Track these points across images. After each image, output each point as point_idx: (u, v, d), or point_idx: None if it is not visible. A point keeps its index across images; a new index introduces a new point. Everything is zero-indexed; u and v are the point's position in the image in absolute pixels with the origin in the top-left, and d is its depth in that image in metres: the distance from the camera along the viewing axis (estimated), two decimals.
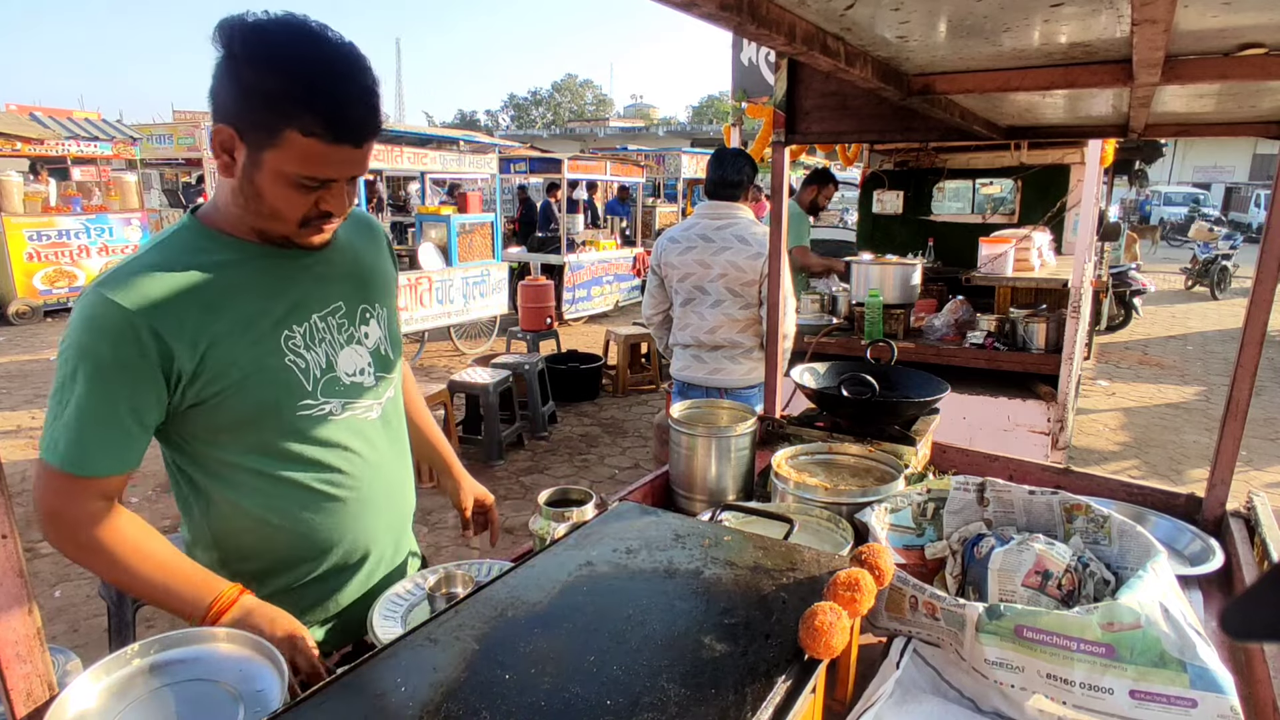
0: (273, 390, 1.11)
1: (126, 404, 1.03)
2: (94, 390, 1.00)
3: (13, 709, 0.85)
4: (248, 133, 1.00)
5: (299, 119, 0.97)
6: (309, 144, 0.99)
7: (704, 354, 2.94)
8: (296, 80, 0.96)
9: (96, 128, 12.29)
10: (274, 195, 1.04)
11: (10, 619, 0.83)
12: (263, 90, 0.97)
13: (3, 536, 0.82)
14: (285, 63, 0.97)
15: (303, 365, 1.13)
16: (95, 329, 1.00)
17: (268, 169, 1.01)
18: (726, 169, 2.90)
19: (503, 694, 0.77)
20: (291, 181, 1.02)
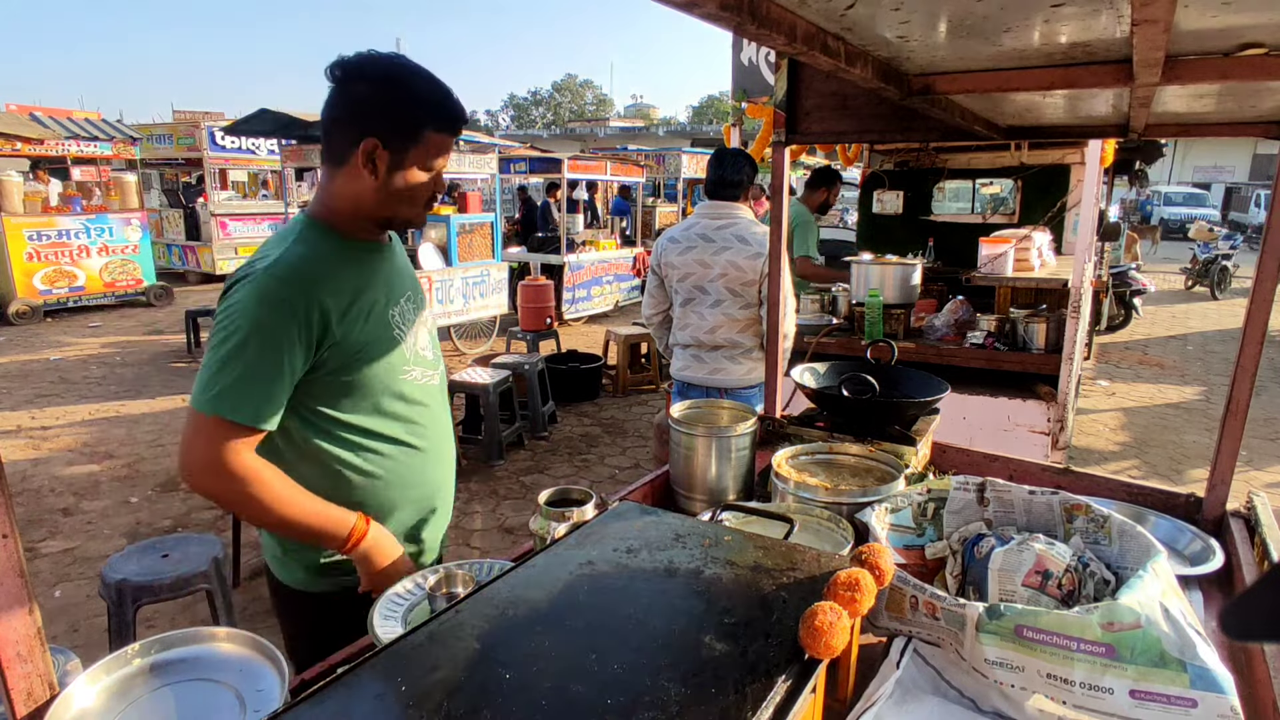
0: (387, 358, 1.35)
1: (287, 368, 1.21)
2: (264, 356, 1.18)
3: (13, 709, 0.85)
4: (391, 139, 1.25)
5: (435, 120, 1.27)
6: (441, 138, 1.29)
7: (704, 354, 2.93)
8: (429, 93, 1.27)
9: (96, 128, 12.26)
10: (414, 184, 1.30)
11: (10, 619, 0.83)
12: (407, 103, 1.26)
13: (3, 536, 0.82)
14: (416, 82, 1.27)
15: (401, 339, 1.39)
16: (267, 305, 1.19)
17: (410, 163, 1.27)
18: (726, 169, 2.89)
19: (503, 694, 0.77)
20: (425, 169, 1.29)
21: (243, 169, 16.08)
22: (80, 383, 6.99)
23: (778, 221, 2.09)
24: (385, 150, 1.25)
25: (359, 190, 1.29)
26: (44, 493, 4.53)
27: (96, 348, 8.49)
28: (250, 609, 3.34)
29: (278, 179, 14.48)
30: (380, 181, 1.27)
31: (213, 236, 12.59)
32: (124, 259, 10.61)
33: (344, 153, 1.27)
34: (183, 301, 10.94)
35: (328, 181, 1.32)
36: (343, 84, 1.25)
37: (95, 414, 6.08)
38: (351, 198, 1.30)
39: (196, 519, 4.21)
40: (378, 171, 1.26)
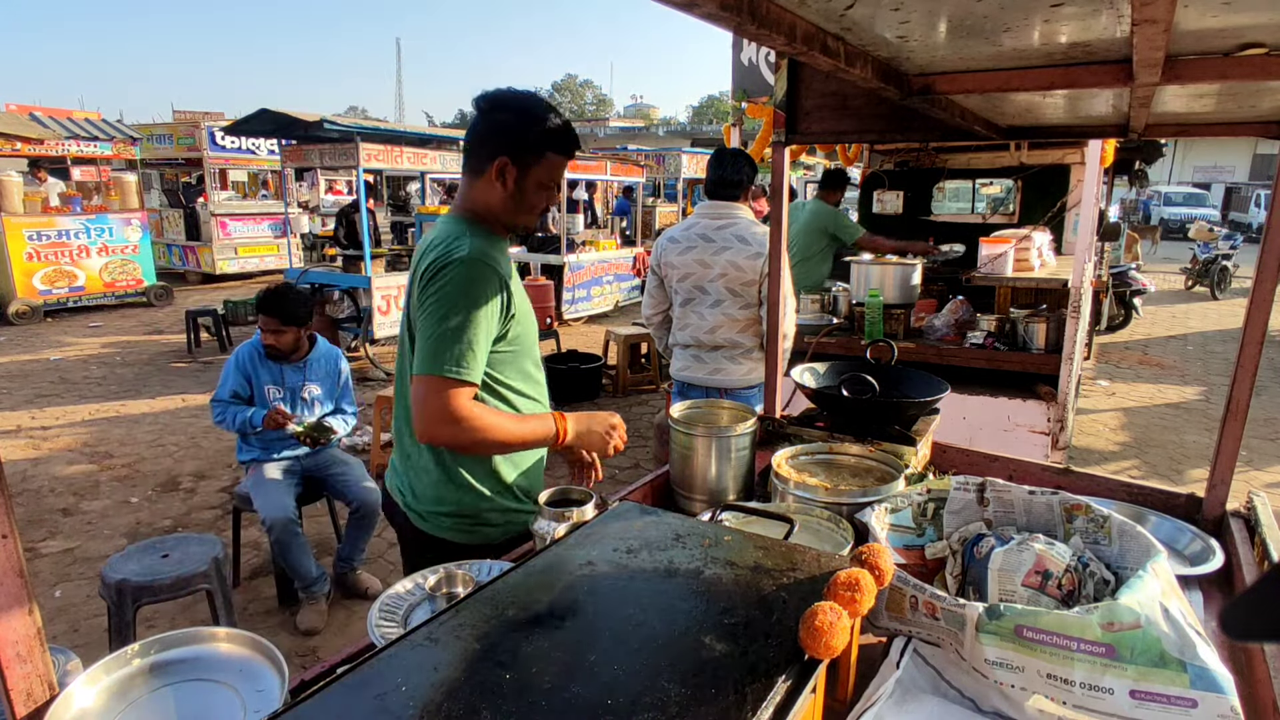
0: (531, 330, 1.68)
1: (488, 334, 1.50)
2: (476, 326, 1.46)
3: (13, 709, 0.85)
4: (519, 157, 1.53)
5: (556, 144, 1.56)
6: (559, 160, 1.58)
7: (704, 354, 2.93)
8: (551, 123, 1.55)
9: (96, 128, 12.26)
10: (534, 196, 1.59)
11: (10, 619, 0.83)
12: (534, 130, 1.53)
13: (3, 536, 0.82)
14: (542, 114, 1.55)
15: (529, 311, 1.69)
16: (476, 286, 1.48)
17: (532, 179, 1.56)
18: (726, 169, 2.89)
19: (503, 694, 0.77)
20: (543, 185, 1.59)
21: (243, 169, 16.09)
22: (80, 383, 6.99)
23: (778, 221, 2.09)
24: (514, 167, 1.53)
25: (491, 198, 1.57)
26: (44, 493, 4.53)
27: (96, 348, 8.48)
28: (250, 609, 3.34)
29: (278, 179, 14.48)
30: (508, 191, 1.56)
31: (213, 236, 12.58)
32: (124, 259, 10.61)
33: (482, 166, 1.55)
34: (183, 301, 10.94)
35: (467, 189, 1.61)
36: (486, 112, 1.56)
37: (95, 414, 6.07)
38: (485, 203, 1.59)
39: (196, 519, 4.21)
40: (506, 183, 1.55)
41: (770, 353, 2.23)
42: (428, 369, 1.44)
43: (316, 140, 7.36)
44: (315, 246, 9.29)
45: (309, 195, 14.77)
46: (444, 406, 1.44)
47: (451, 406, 1.44)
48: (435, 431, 1.47)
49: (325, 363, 3.49)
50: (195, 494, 4.55)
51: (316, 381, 3.45)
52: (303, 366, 3.43)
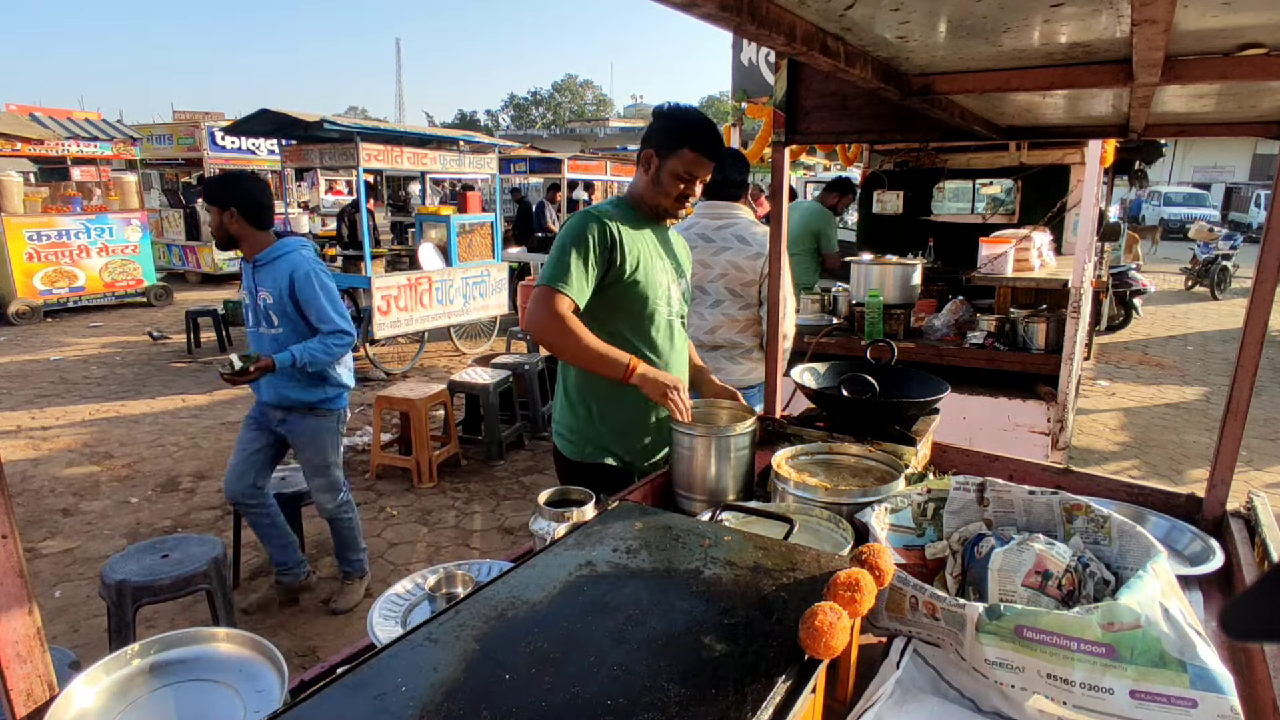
0: (647, 288, 1.95)
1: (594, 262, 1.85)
2: (580, 255, 1.82)
3: (13, 709, 0.85)
4: (661, 150, 1.92)
5: (690, 141, 1.89)
6: (694, 156, 1.90)
7: (703, 354, 2.93)
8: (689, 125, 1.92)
9: (96, 128, 12.25)
10: (670, 183, 1.94)
11: (10, 619, 0.83)
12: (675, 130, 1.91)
13: (3, 536, 0.82)
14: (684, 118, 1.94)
15: (660, 282, 1.99)
16: (586, 227, 1.85)
17: (668, 170, 1.92)
18: (727, 169, 2.88)
19: (503, 694, 0.77)
20: (679, 176, 1.92)
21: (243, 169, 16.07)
22: (80, 383, 6.99)
23: (778, 221, 2.09)
24: (657, 158, 1.93)
25: (640, 183, 1.99)
26: (44, 493, 4.53)
27: (96, 348, 8.49)
28: (250, 609, 3.34)
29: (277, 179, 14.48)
30: (650, 177, 1.95)
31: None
32: (124, 259, 10.61)
33: (639, 159, 1.98)
34: (183, 301, 10.94)
35: (636, 177, 2.02)
36: (654, 118, 1.98)
37: (95, 414, 6.08)
38: (637, 188, 2.01)
39: (196, 519, 4.21)
40: (649, 170, 1.95)
41: (770, 353, 2.23)
42: (541, 280, 1.84)
43: (316, 140, 7.35)
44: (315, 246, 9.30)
45: (309, 195, 14.77)
46: (540, 305, 1.79)
47: (547, 306, 1.78)
48: (532, 324, 1.82)
49: (278, 266, 2.94)
50: (195, 494, 4.55)
51: (267, 288, 2.96)
52: (254, 268, 2.98)
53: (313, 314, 2.95)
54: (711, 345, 2.90)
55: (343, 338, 2.99)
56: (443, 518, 4.29)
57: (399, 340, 8.03)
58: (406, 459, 4.77)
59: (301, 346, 2.92)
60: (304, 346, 2.92)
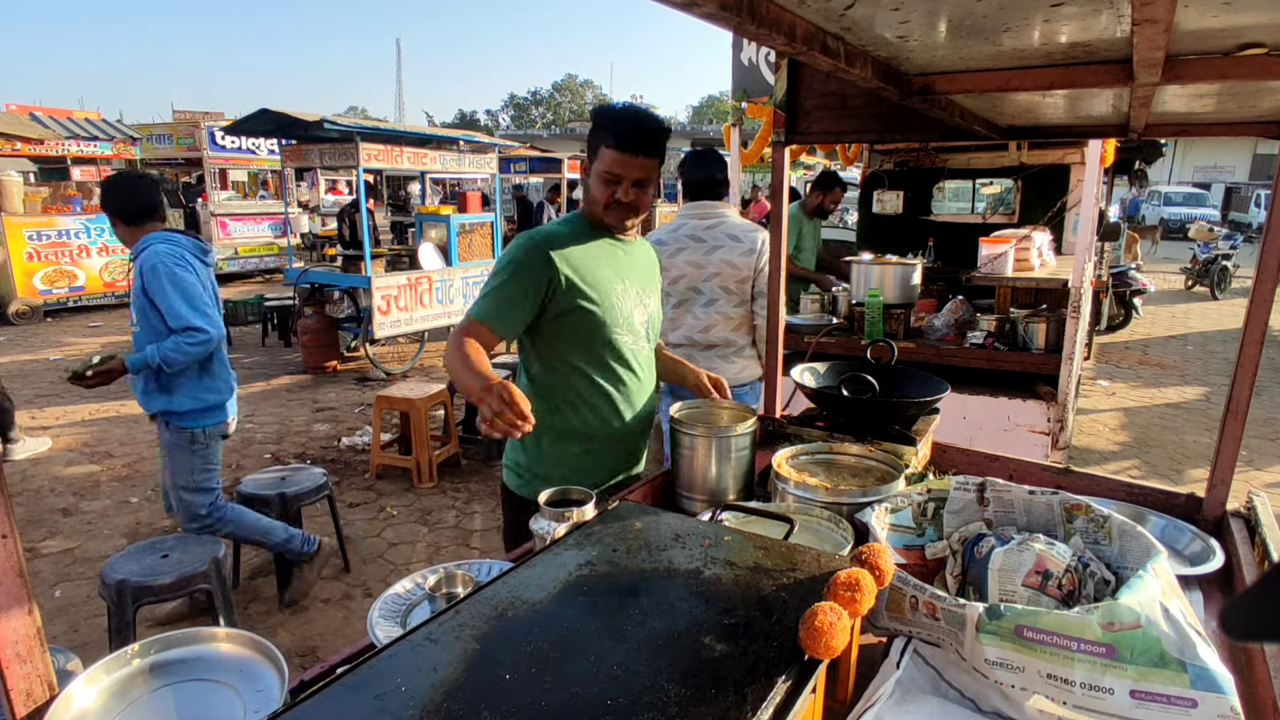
0: (603, 315, 1.76)
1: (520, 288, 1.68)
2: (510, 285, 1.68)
3: (13, 709, 0.85)
4: (590, 153, 1.73)
5: (606, 138, 1.67)
6: (611, 152, 1.67)
7: (696, 354, 2.95)
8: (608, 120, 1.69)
9: (96, 128, 12.27)
10: (598, 189, 1.73)
11: (10, 619, 0.83)
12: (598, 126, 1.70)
13: (3, 536, 0.82)
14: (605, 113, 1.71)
15: (618, 306, 1.79)
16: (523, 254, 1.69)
17: (594, 174, 1.73)
18: (712, 169, 2.92)
19: (503, 694, 0.77)
20: (603, 179, 1.71)
21: (243, 169, 16.09)
22: None
23: (778, 221, 2.09)
24: (589, 163, 1.74)
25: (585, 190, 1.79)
26: (44, 493, 4.52)
27: (96, 348, 8.48)
28: (250, 609, 3.34)
29: (277, 179, 14.47)
30: (585, 185, 1.78)
31: (213, 236, 12.58)
32: (124, 259, 10.60)
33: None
34: None
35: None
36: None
37: (95, 414, 6.07)
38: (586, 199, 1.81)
39: None
40: (585, 178, 1.78)
41: (770, 352, 2.23)
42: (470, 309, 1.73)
43: (316, 140, 7.35)
44: (315, 246, 9.28)
45: (309, 195, 14.78)
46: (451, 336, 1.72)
47: (454, 335, 1.68)
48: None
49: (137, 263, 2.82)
50: None
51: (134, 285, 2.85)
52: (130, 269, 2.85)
53: (164, 310, 2.77)
54: (706, 344, 2.92)
55: (195, 335, 2.77)
56: (443, 518, 4.29)
57: (399, 340, 8.03)
58: (406, 459, 4.77)
59: (155, 346, 2.79)
60: (158, 346, 2.78)
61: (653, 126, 1.69)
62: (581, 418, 1.82)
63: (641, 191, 1.74)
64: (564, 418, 1.81)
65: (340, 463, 5.07)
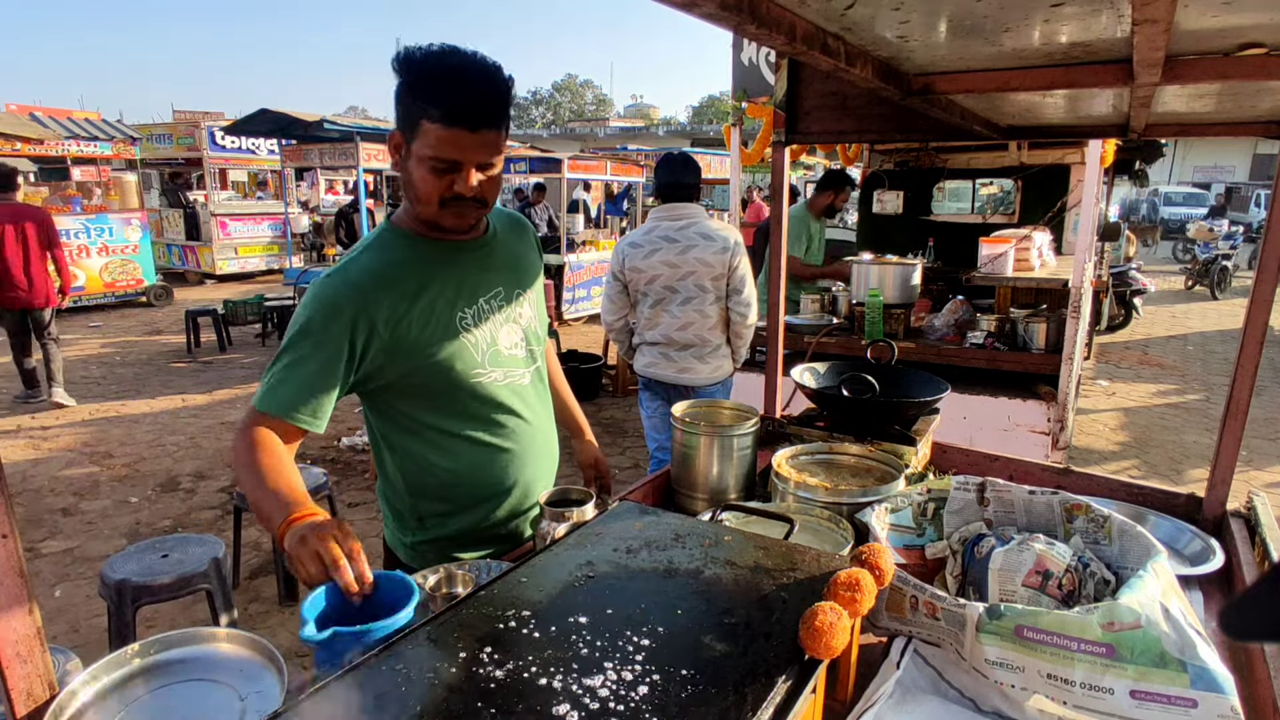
0: (452, 360, 1.34)
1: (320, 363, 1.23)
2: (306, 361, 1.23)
3: (13, 709, 0.85)
4: (406, 132, 1.21)
5: (426, 110, 1.17)
6: (440, 131, 1.17)
7: (672, 352, 3.03)
8: (425, 80, 1.18)
9: (96, 128, 12.23)
10: (421, 182, 1.24)
11: (10, 619, 0.83)
12: (409, 92, 1.19)
13: (3, 536, 0.82)
14: (422, 70, 1.19)
15: (473, 340, 1.37)
16: (321, 315, 1.24)
17: (414, 157, 1.22)
18: (681, 172, 3.01)
19: (502, 694, 0.77)
20: (429, 166, 1.21)
21: (242, 169, 16.10)
22: (80, 383, 6.98)
23: (778, 221, 2.09)
24: (405, 142, 1.23)
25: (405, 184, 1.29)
26: (44, 493, 4.52)
27: (96, 348, 8.48)
28: (250, 609, 3.34)
29: (277, 179, 14.47)
30: (404, 176, 1.27)
31: (213, 236, 12.59)
32: (124, 259, 10.61)
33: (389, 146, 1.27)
34: (182, 301, 10.94)
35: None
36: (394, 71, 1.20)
37: (95, 414, 6.07)
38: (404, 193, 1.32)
39: (196, 519, 4.21)
40: (401, 164, 1.26)
41: (770, 352, 2.23)
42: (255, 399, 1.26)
43: (316, 140, 7.36)
44: (315, 246, 9.28)
45: (309, 195, 14.78)
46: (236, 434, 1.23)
47: (238, 434, 1.22)
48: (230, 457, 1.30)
49: None
50: (195, 494, 4.55)
51: None
52: None
53: None
54: (683, 344, 3.00)
55: None
56: None
57: None
58: None
59: None
60: None
61: (492, 85, 1.20)
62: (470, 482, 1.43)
63: (490, 176, 1.27)
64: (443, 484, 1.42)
65: (340, 463, 5.07)
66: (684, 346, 2.99)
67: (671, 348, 3.01)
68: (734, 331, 3.03)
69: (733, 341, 3.05)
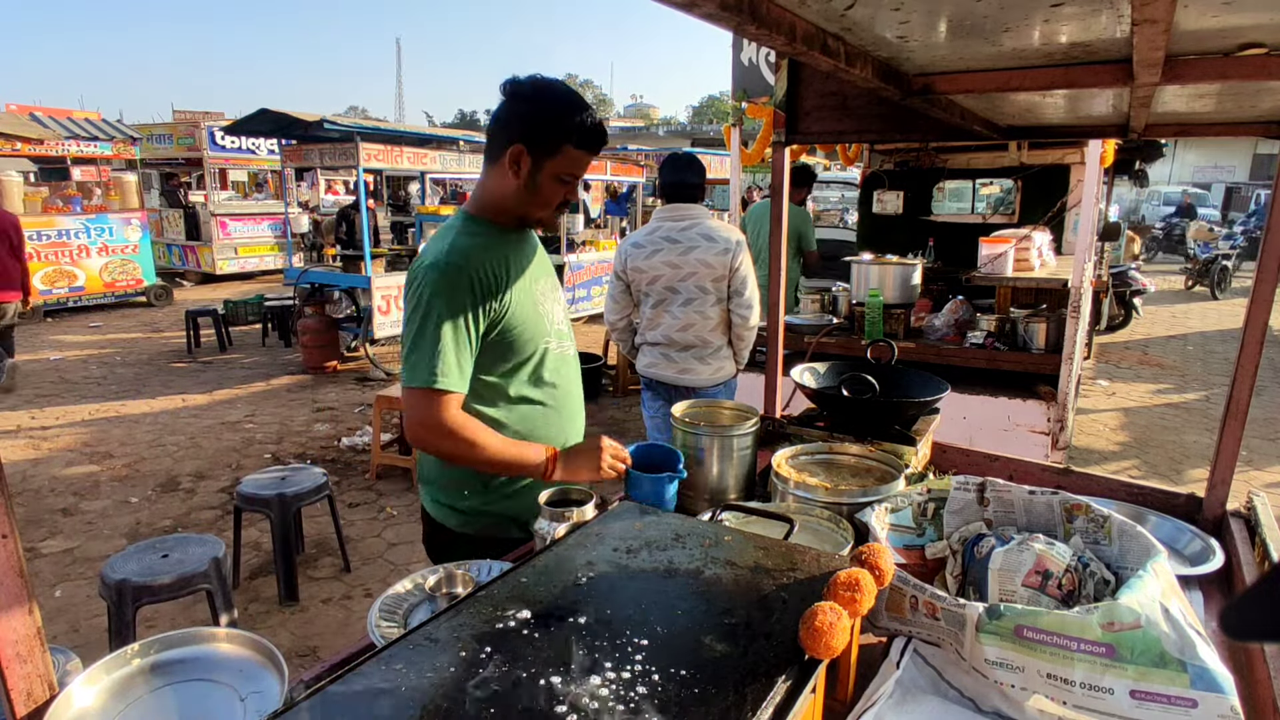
0: (536, 329, 1.58)
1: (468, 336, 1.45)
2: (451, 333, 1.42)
3: (13, 709, 0.85)
4: (535, 146, 1.45)
5: (573, 137, 1.46)
6: (580, 155, 1.48)
7: (674, 353, 3.03)
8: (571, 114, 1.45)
9: (96, 128, 12.24)
10: (551, 190, 1.51)
11: (10, 619, 0.83)
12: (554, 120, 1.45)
13: (3, 536, 0.82)
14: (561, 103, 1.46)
15: (543, 311, 1.61)
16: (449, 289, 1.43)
17: (547, 172, 1.48)
18: (686, 173, 3.00)
19: (503, 694, 0.77)
20: (559, 179, 1.50)
21: (242, 169, 16.08)
22: (80, 383, 6.99)
23: (778, 221, 2.09)
24: (529, 156, 1.46)
25: (504, 187, 1.52)
26: (44, 493, 4.53)
27: (96, 348, 8.49)
28: (250, 609, 3.34)
29: (277, 179, 14.47)
30: (521, 182, 1.49)
31: (213, 236, 12.58)
32: (124, 259, 10.61)
33: (498, 154, 1.49)
34: (183, 301, 10.94)
35: (483, 178, 1.57)
36: (508, 98, 1.47)
37: (95, 414, 6.07)
38: (498, 193, 1.54)
39: (196, 519, 4.21)
40: (520, 173, 1.48)
41: (770, 352, 2.23)
42: (409, 380, 1.43)
43: (316, 140, 7.35)
44: (315, 246, 9.28)
45: (309, 195, 14.77)
46: (427, 417, 1.43)
47: (435, 417, 1.42)
48: (422, 440, 1.47)
49: None
50: (195, 494, 4.55)
51: None
52: None
53: None
54: (684, 345, 2.99)
55: None
56: None
57: (399, 340, 8.03)
58: (407, 459, 4.77)
59: None
60: None
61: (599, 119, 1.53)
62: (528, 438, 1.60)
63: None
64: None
65: (340, 463, 5.07)
66: (685, 347, 2.98)
67: (672, 348, 3.00)
68: (735, 333, 3.01)
69: (734, 343, 3.04)
